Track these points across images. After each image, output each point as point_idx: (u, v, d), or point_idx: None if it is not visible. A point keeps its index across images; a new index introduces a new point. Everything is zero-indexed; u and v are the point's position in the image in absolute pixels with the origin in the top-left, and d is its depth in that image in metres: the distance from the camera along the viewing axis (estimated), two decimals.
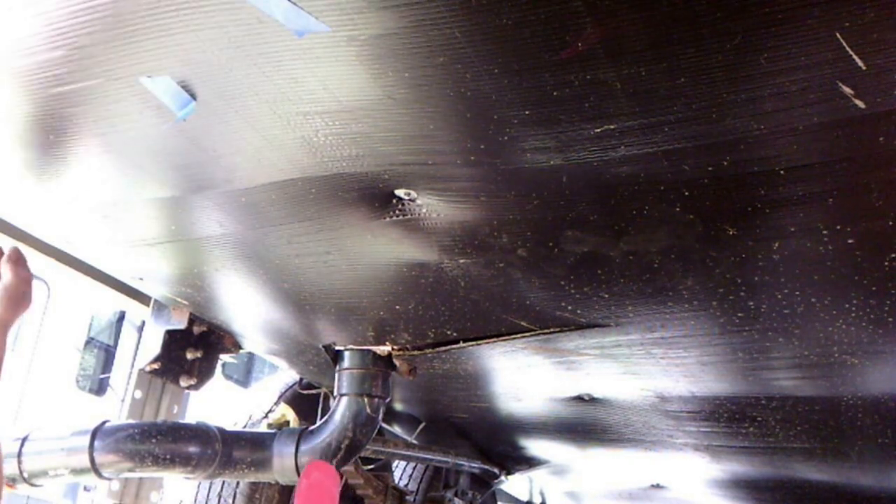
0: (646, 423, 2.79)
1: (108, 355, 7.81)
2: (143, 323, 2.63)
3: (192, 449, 2.13)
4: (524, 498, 4.98)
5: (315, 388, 2.91)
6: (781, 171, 1.22)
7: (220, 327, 2.38)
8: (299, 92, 1.15)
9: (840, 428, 2.50)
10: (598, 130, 1.16)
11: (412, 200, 1.43)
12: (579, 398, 2.59)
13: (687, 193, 1.31)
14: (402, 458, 3.28)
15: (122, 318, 7.81)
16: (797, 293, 1.60)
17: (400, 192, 1.41)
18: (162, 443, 2.08)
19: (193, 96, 1.19)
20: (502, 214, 1.44)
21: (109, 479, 2.14)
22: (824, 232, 1.37)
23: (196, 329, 2.37)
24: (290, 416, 2.84)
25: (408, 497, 3.26)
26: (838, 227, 1.36)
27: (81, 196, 1.60)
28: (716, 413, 2.53)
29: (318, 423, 2.37)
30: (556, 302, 1.78)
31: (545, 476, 4.23)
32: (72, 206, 1.65)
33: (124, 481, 2.39)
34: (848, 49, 0.97)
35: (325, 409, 2.79)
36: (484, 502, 4.19)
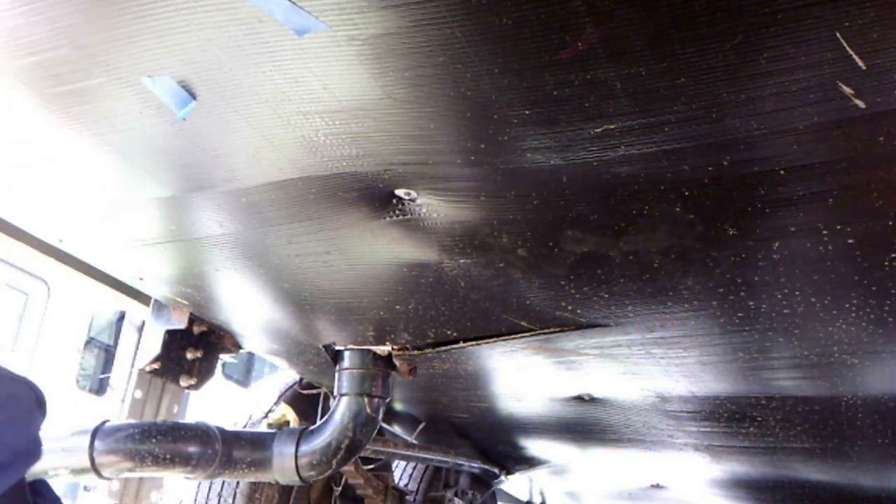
0: (646, 423, 2.79)
1: (108, 355, 7.80)
2: (143, 323, 2.63)
3: (192, 449, 2.13)
4: (524, 498, 4.99)
5: (315, 388, 2.91)
6: (781, 171, 1.22)
7: (220, 327, 2.38)
8: (299, 92, 1.15)
9: (840, 428, 2.50)
10: (598, 130, 1.16)
11: (412, 200, 1.43)
12: (579, 398, 2.59)
13: (687, 193, 1.31)
14: (402, 458, 3.28)
15: (122, 318, 7.80)
16: (797, 293, 1.60)
17: (400, 192, 1.41)
18: (162, 443, 2.08)
19: (193, 96, 1.19)
20: (502, 214, 1.44)
21: (109, 479, 2.13)
22: (824, 232, 1.37)
23: (196, 329, 2.37)
24: (290, 416, 2.84)
25: (408, 497, 3.26)
26: (838, 227, 1.36)
27: (81, 196, 1.60)
28: (716, 413, 2.53)
29: (318, 423, 2.37)
30: (556, 302, 1.78)
31: (545, 476, 4.23)
32: (72, 206, 1.65)
33: (124, 481, 2.40)
34: (848, 49, 0.97)
35: (325, 409, 2.80)
36: (484, 502, 4.20)
